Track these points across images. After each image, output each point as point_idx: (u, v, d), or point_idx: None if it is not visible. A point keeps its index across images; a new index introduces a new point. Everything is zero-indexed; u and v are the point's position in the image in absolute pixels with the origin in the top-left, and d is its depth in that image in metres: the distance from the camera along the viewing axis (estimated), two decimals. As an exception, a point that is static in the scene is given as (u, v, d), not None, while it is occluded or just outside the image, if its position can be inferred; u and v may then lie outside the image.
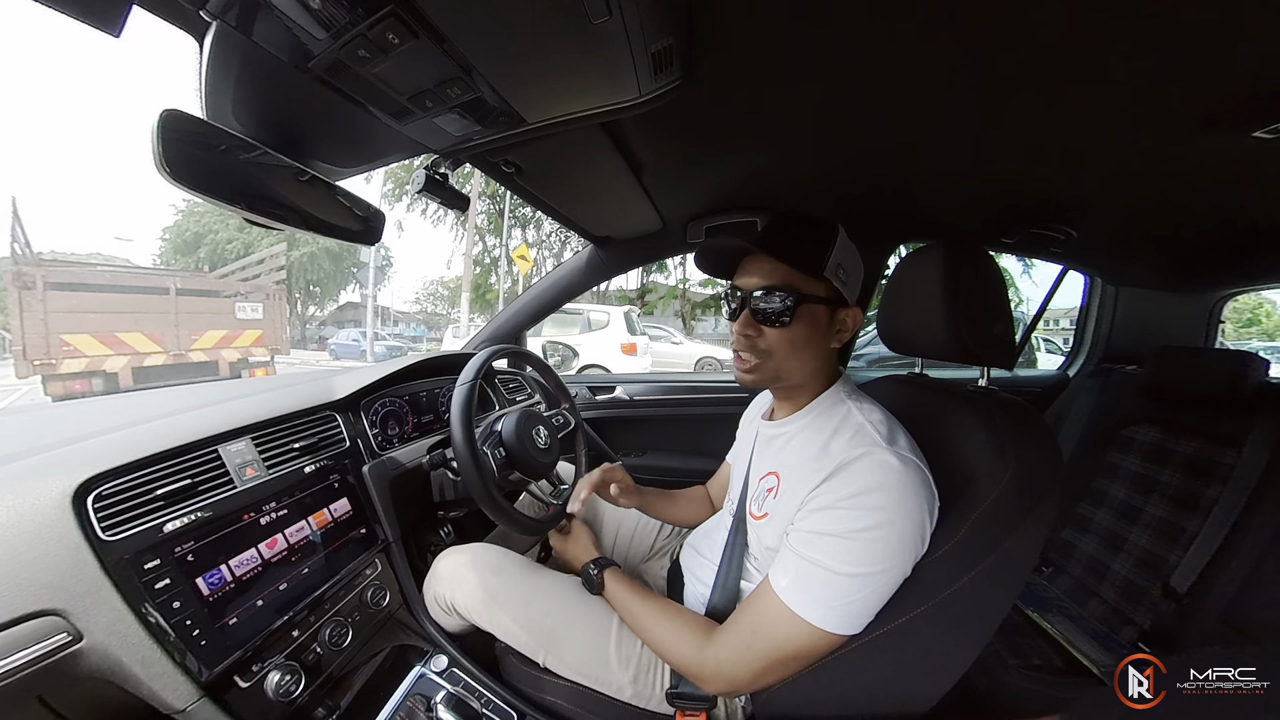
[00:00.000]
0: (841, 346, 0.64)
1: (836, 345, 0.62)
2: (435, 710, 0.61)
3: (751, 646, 0.54)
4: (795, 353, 0.59)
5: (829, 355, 0.62)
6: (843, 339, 0.62)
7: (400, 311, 27.92)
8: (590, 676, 0.65)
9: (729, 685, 0.56)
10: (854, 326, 0.62)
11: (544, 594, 0.71)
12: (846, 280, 0.58)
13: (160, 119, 0.47)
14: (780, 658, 0.52)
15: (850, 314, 0.61)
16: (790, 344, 0.58)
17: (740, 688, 0.56)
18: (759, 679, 0.55)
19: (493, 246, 13.60)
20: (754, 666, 0.53)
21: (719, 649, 0.56)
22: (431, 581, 0.77)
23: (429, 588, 0.78)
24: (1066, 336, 5.13)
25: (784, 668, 0.53)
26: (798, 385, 0.64)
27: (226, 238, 16.49)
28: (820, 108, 0.66)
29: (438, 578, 0.76)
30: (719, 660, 0.56)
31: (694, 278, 13.38)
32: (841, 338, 0.61)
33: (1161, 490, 1.10)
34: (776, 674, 0.54)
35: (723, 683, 0.56)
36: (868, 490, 0.50)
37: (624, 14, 0.41)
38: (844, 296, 0.59)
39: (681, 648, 0.59)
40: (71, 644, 0.44)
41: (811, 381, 0.64)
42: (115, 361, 5.01)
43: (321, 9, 0.39)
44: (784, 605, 0.51)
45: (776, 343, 0.58)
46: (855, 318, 0.61)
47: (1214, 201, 0.87)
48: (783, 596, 0.51)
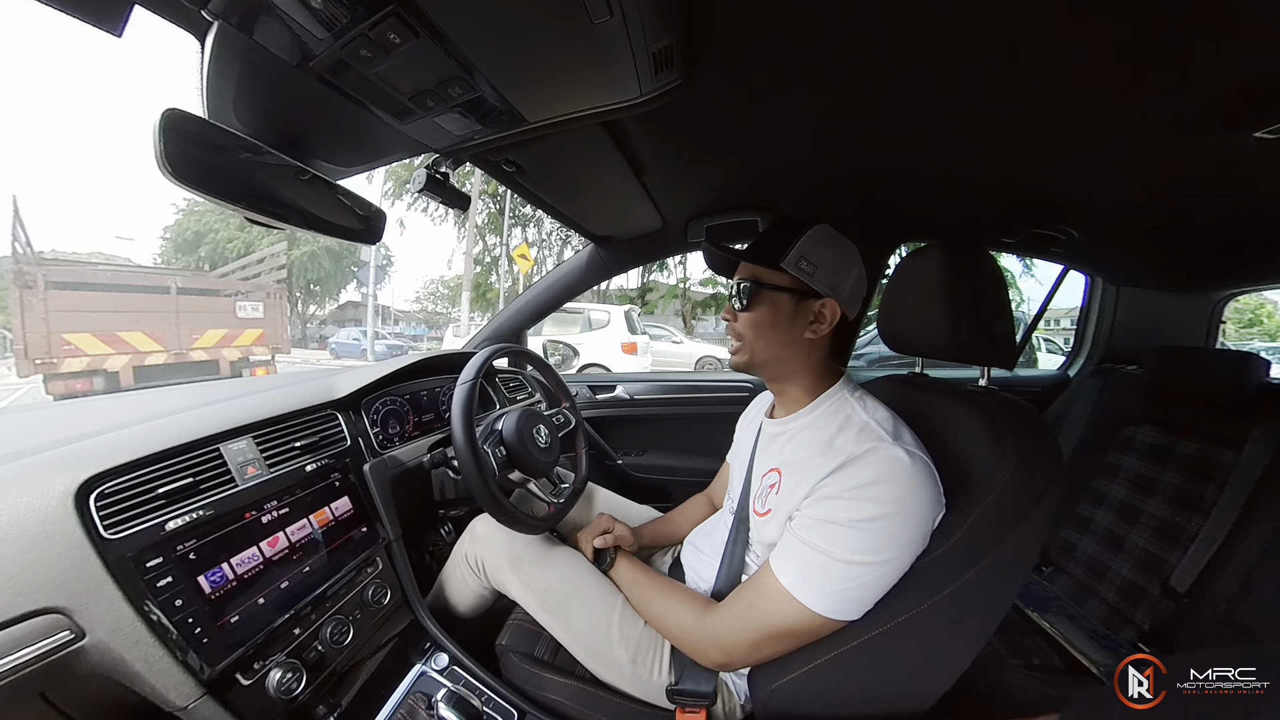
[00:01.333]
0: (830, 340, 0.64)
1: (813, 336, 0.63)
2: (436, 708, 0.61)
3: (746, 618, 0.55)
4: (761, 334, 0.64)
5: (808, 345, 0.63)
6: (819, 330, 0.62)
7: (401, 310, 27.94)
8: (593, 651, 0.67)
9: (724, 654, 0.57)
10: (831, 318, 0.62)
11: (559, 564, 0.75)
12: (814, 271, 0.60)
13: (162, 118, 0.47)
14: (773, 632, 0.54)
15: (825, 304, 0.62)
16: (755, 326, 0.64)
17: (735, 657, 0.58)
18: (754, 651, 0.56)
19: (493, 245, 13.59)
20: (748, 637, 0.55)
21: (716, 618, 0.58)
22: (467, 539, 0.83)
23: (462, 546, 0.83)
24: (1067, 336, 5.13)
25: (778, 643, 0.55)
26: (785, 375, 0.66)
27: (227, 237, 16.48)
28: (820, 108, 0.66)
29: (474, 536, 0.82)
30: (715, 627, 0.58)
31: (694, 277, 13.39)
32: (818, 329, 0.62)
33: (1162, 490, 1.10)
34: (771, 648, 0.55)
35: (718, 651, 0.58)
36: (875, 482, 0.51)
37: (624, 13, 0.41)
38: (810, 287, 0.61)
39: (682, 617, 0.62)
40: (74, 642, 0.44)
41: (800, 374, 0.65)
42: (116, 360, 5.01)
43: (323, 8, 0.39)
44: (781, 585, 0.52)
45: (744, 325, 0.65)
46: (831, 308, 0.62)
47: (1215, 202, 0.87)
48: (781, 578, 0.52)
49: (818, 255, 0.61)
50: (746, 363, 0.66)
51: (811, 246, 0.61)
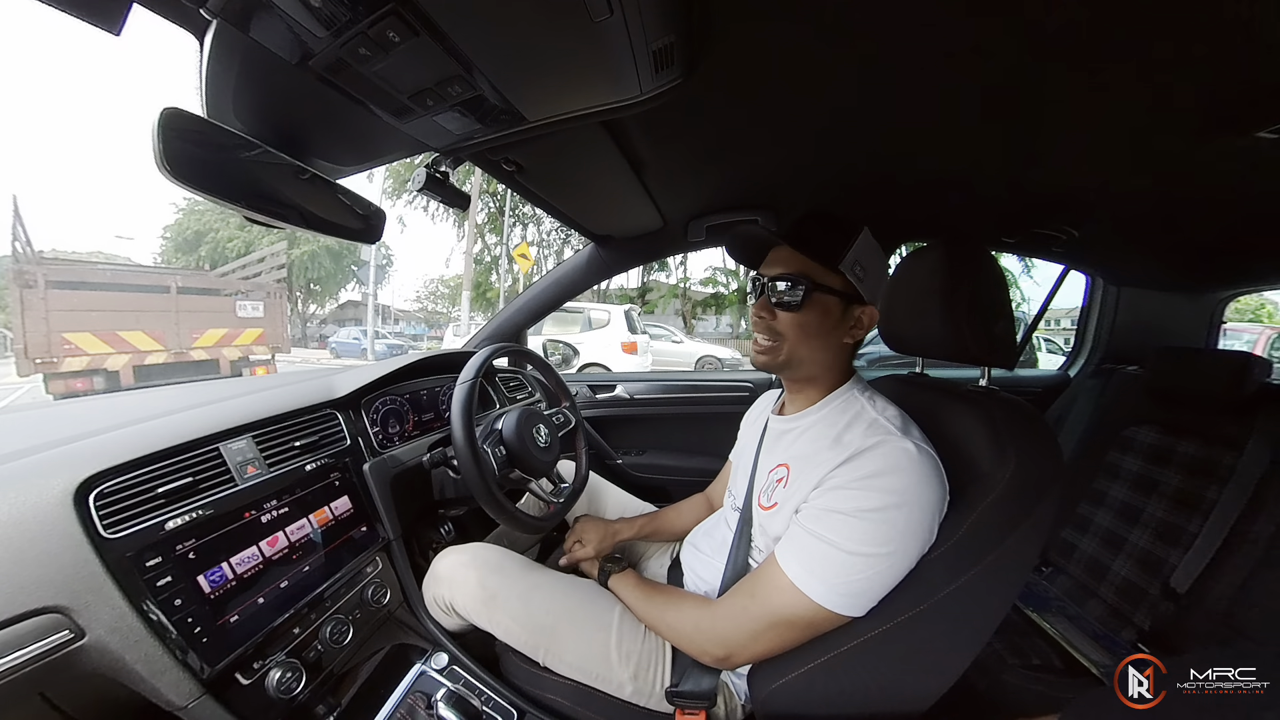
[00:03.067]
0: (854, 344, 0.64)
1: (850, 341, 0.62)
2: (436, 708, 0.61)
3: (749, 609, 0.55)
4: (806, 338, 0.61)
5: (841, 349, 0.63)
6: (856, 335, 0.62)
7: (401, 310, 27.93)
8: (590, 674, 0.65)
9: (725, 648, 0.57)
10: (869, 325, 0.62)
11: (543, 592, 0.71)
12: (864, 278, 0.59)
13: (161, 117, 0.46)
14: (775, 622, 0.53)
15: (866, 311, 0.62)
16: (801, 328, 0.60)
17: (736, 651, 0.56)
18: (754, 642, 0.55)
19: (493, 245, 13.59)
20: (749, 628, 0.54)
21: (717, 611, 0.58)
22: (430, 582, 0.77)
23: (428, 588, 0.78)
24: (1068, 336, 5.12)
25: (779, 635, 0.54)
26: (810, 376, 0.65)
27: (227, 236, 16.47)
28: (820, 107, 0.65)
29: (436, 578, 0.76)
30: (715, 620, 0.57)
31: (694, 276, 13.39)
32: (856, 334, 0.62)
33: (1162, 491, 1.10)
34: (772, 640, 0.54)
35: (719, 645, 0.57)
36: (882, 473, 0.51)
37: (625, 12, 0.41)
38: (859, 293, 0.60)
39: (682, 613, 0.61)
40: (73, 641, 0.44)
41: (824, 375, 0.64)
42: (116, 360, 5.01)
43: (322, 7, 0.39)
44: (785, 576, 0.52)
45: (787, 326, 0.61)
46: (871, 316, 0.62)
47: (1216, 202, 0.87)
48: (786, 569, 0.52)
49: (869, 261, 0.60)
50: (779, 364, 0.62)
51: (864, 252, 0.59)
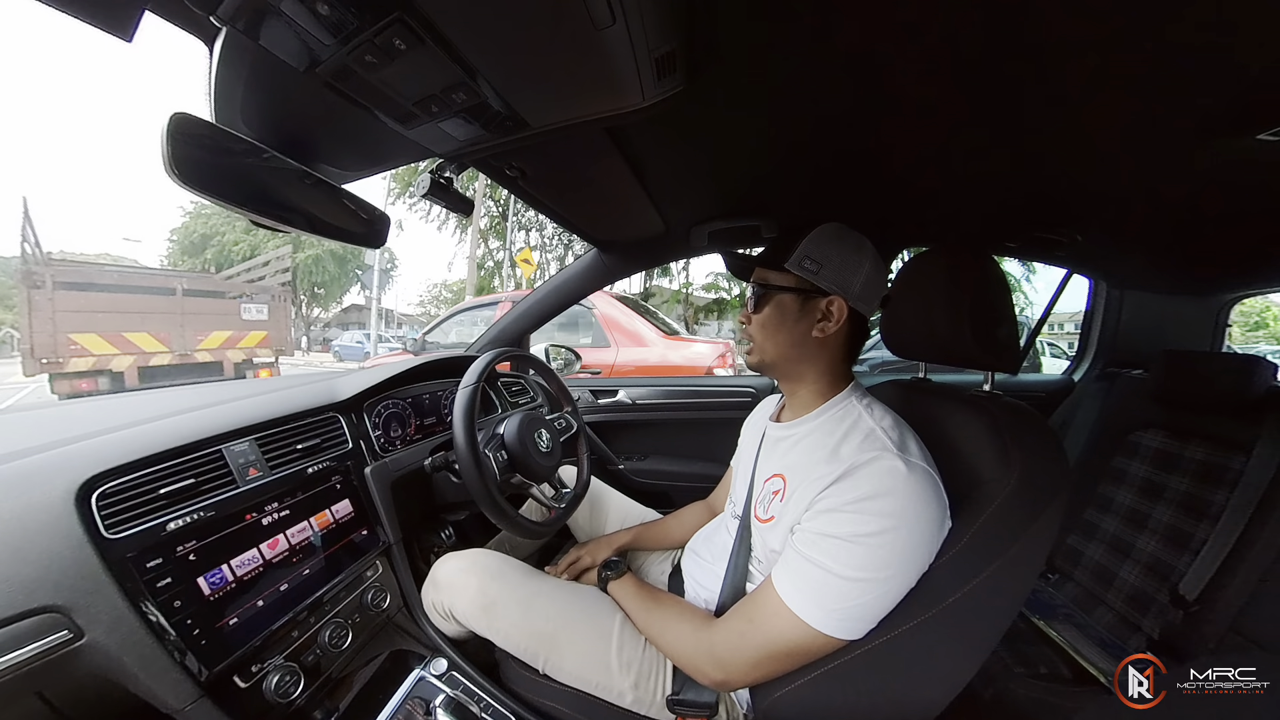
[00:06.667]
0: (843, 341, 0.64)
1: (820, 334, 0.62)
2: (434, 714, 0.61)
3: (747, 635, 0.54)
4: (770, 334, 0.66)
5: (816, 344, 0.63)
6: (827, 328, 0.62)
7: (404, 314, 28.05)
8: (590, 683, 0.64)
9: (723, 672, 0.56)
10: (840, 315, 0.61)
11: (544, 600, 0.71)
12: (818, 270, 0.60)
13: (170, 122, 0.47)
14: (774, 652, 0.52)
15: (831, 302, 0.61)
16: (763, 326, 0.66)
17: (734, 676, 0.56)
18: (754, 670, 0.54)
19: (496, 249, 13.66)
20: (748, 656, 0.54)
21: (715, 635, 0.57)
22: (430, 588, 0.77)
23: (427, 594, 0.77)
24: (1071, 341, 5.09)
25: (778, 663, 0.53)
26: (796, 376, 0.66)
27: (233, 239, 16.63)
28: (821, 113, 0.66)
29: (436, 584, 0.76)
30: (713, 644, 0.56)
31: (697, 282, 13.40)
32: (825, 327, 0.62)
33: (1169, 496, 1.09)
34: (771, 668, 0.54)
35: (717, 669, 0.56)
36: (875, 495, 0.50)
37: (627, 20, 0.42)
38: (816, 285, 0.61)
39: (680, 632, 0.61)
40: (72, 641, 0.44)
41: (817, 379, 0.65)
42: (121, 361, 5.05)
43: (330, 15, 0.39)
44: (783, 602, 0.51)
45: (755, 326, 0.67)
46: (839, 306, 0.61)
47: (1220, 204, 0.87)
48: (782, 595, 0.51)
49: (821, 253, 0.61)
50: (758, 363, 0.68)
51: (815, 245, 0.61)
